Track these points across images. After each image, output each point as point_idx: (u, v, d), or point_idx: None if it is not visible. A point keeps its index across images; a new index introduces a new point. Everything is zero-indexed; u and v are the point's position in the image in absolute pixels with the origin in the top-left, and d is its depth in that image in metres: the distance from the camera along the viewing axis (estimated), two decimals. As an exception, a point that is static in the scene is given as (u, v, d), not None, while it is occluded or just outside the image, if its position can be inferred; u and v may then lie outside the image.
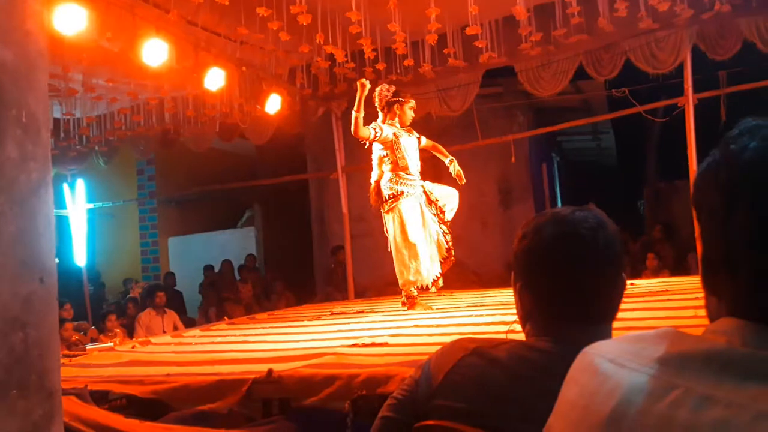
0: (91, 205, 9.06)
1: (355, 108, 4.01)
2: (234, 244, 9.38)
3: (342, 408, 2.03)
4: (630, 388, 0.58)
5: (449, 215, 4.34)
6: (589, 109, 8.69)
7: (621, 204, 10.93)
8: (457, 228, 4.83)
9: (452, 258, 4.30)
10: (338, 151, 6.80)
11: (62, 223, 9.07)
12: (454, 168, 4.34)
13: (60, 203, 8.58)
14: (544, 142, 9.34)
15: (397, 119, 4.24)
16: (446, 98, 6.16)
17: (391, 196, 4.14)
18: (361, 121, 4.00)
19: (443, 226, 4.31)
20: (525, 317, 1.10)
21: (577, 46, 5.51)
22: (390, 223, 4.20)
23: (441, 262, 4.25)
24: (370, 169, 8.37)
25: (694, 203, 0.63)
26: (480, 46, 5.20)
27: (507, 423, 0.96)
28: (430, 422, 1.07)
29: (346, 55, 5.36)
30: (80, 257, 8.28)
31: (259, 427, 2.16)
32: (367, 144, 4.24)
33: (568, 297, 1.03)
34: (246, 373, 2.36)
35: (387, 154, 4.20)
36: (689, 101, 5.48)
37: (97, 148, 7.38)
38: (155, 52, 4.49)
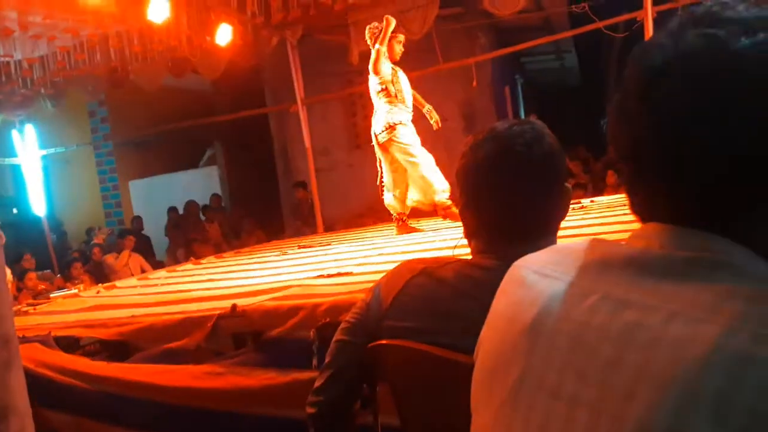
0: (44, 152, 8.70)
1: (379, 41, 4.16)
2: (197, 184, 9.19)
3: (308, 336, 2.07)
4: (550, 296, 0.59)
5: None
6: (551, 28, 8.55)
7: (585, 124, 10.99)
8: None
9: None
10: (296, 81, 6.58)
11: (16, 172, 8.73)
12: (432, 115, 4.48)
13: (11, 151, 8.22)
14: (507, 64, 9.20)
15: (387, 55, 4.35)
16: (405, 21, 5.94)
17: (389, 126, 4.21)
18: (384, 55, 4.18)
19: None
20: (470, 235, 1.11)
21: (537, -40, 5.34)
22: (395, 153, 4.25)
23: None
24: (330, 99, 8.11)
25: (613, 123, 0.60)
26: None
27: (451, 338, 0.99)
28: (382, 342, 1.10)
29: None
30: (38, 206, 8.03)
31: (227, 359, 2.20)
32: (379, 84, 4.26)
33: (508, 214, 1.04)
34: (211, 309, 2.37)
35: (385, 88, 4.27)
36: (648, 15, 5.41)
37: (43, 90, 7.00)
38: (90, -18, 4.19)
